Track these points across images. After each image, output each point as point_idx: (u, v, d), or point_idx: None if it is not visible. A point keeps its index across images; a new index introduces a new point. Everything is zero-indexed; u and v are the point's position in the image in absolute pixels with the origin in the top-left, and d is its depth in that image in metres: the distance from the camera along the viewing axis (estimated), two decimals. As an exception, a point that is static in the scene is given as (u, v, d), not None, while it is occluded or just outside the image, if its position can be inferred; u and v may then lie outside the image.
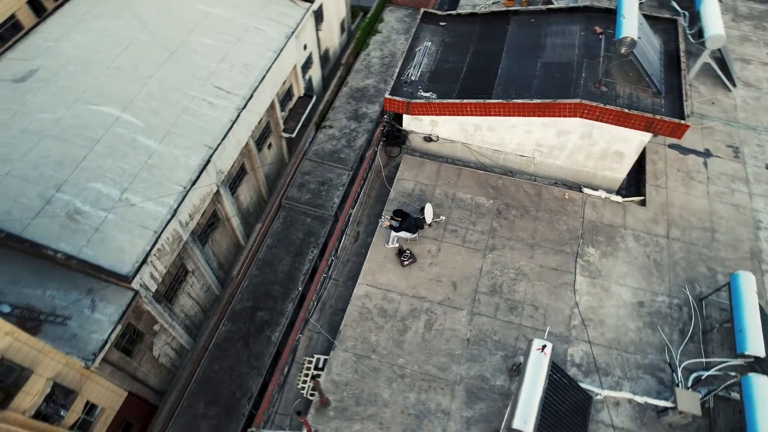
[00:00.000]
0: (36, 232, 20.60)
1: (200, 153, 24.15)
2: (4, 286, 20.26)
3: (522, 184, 15.11)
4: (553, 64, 14.31)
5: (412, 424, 11.52)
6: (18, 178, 21.57)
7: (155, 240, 21.48)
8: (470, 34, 15.69)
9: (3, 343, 16.60)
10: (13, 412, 17.19)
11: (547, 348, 10.76)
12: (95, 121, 23.50)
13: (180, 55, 26.15)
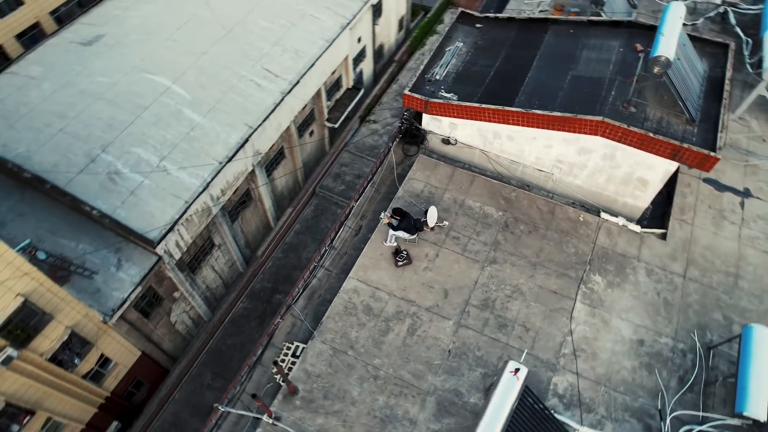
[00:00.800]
0: (77, 188, 21.39)
1: (240, 131, 24.41)
2: (43, 234, 21.14)
3: (536, 200, 14.31)
4: (584, 78, 13.44)
5: (375, 427, 11.10)
6: (70, 135, 22.43)
7: (184, 210, 21.85)
8: (504, 40, 15.00)
9: (28, 287, 17.26)
10: (32, 353, 17.90)
11: (521, 372, 10.08)
12: (147, 89, 24.17)
13: (235, 34, 26.54)
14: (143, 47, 25.46)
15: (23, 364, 18.10)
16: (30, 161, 21.57)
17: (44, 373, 19.08)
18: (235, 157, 23.85)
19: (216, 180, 23.19)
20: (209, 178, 22.92)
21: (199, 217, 23.16)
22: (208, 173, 23.07)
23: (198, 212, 22.81)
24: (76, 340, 19.99)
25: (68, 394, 20.43)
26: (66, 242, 21.29)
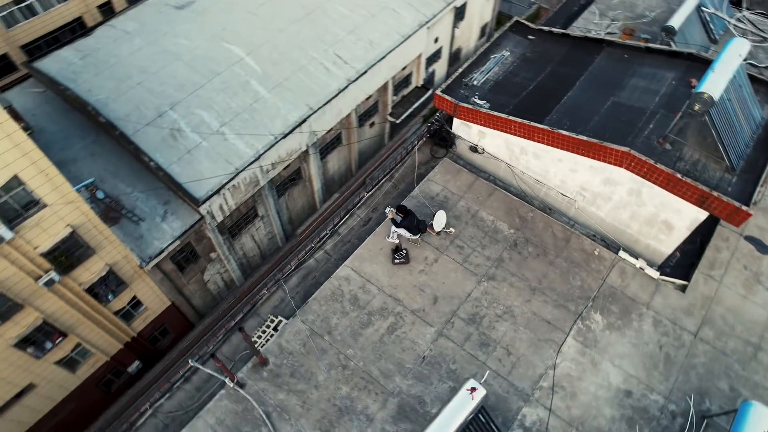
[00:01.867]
0: (142, 139, 22.68)
1: (300, 111, 24.90)
2: (106, 176, 22.63)
3: (553, 225, 13.57)
4: (624, 106, 12.55)
5: (332, 414, 11.01)
6: (145, 89, 23.80)
7: (233, 176, 22.63)
8: (554, 55, 14.28)
9: (78, 221, 18.51)
10: (72, 281, 19.25)
11: (478, 393, 9.63)
12: (222, 57, 25.14)
13: (314, 17, 27.04)
14: (227, 17, 26.48)
15: (63, 289, 19.49)
16: (106, 108, 23.09)
17: (80, 302, 20.45)
18: (291, 135, 24.36)
19: (268, 153, 23.78)
20: (262, 150, 23.56)
21: (246, 186, 23.89)
22: (262, 145, 23.72)
23: (246, 181, 23.53)
24: (112, 277, 21.27)
25: (99, 325, 21.78)
26: (123, 187, 22.67)
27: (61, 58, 24.67)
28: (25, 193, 16.94)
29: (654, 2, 19.65)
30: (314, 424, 10.82)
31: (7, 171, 16.02)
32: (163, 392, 11.18)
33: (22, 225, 17.17)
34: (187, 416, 11.08)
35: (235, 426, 10.78)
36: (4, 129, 15.64)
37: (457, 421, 9.36)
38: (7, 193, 16.53)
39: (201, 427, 10.77)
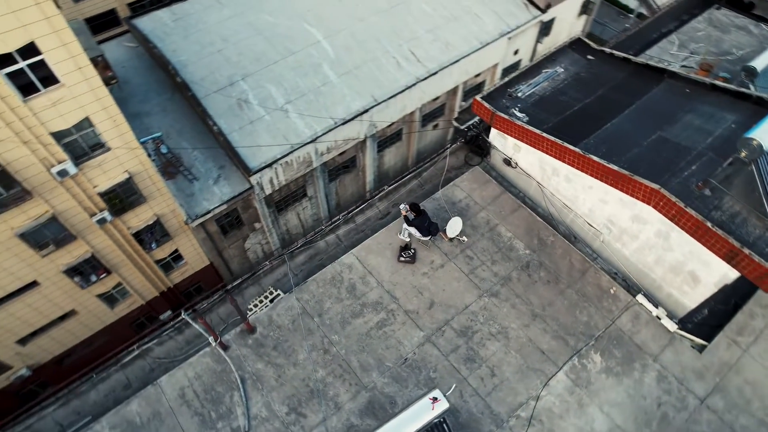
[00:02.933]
0: (210, 103, 23.74)
1: (364, 101, 25.12)
2: (172, 132, 23.92)
3: (572, 253, 12.84)
4: (671, 142, 11.64)
5: (303, 394, 11.07)
6: (223, 58, 24.86)
7: (287, 153, 23.23)
8: (609, 78, 13.48)
9: (135, 168, 19.69)
10: (122, 223, 20.55)
11: (439, 405, 9.33)
12: (300, 37, 25.76)
13: (397, 11, 27.11)
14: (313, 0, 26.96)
15: (113, 230, 20.84)
16: (185, 69, 24.33)
17: (126, 244, 21.79)
18: (351, 123, 24.62)
19: (325, 137, 24.17)
20: (320, 133, 23.99)
21: (299, 165, 24.42)
22: (320, 128, 24.15)
23: (299, 160, 24.06)
24: (158, 228, 22.48)
25: (140, 270, 23.12)
26: (185, 145, 23.83)
27: (156, 18, 26.20)
28: (93, 135, 18.19)
29: (744, 40, 18.05)
30: (284, 399, 10.91)
31: (80, 111, 17.22)
32: (152, 337, 11.69)
33: (87, 164, 18.46)
34: (172, 365, 11.51)
35: (211, 384, 11.08)
36: (84, 73, 16.81)
37: (411, 428, 9.10)
38: (78, 132, 17.80)
39: (180, 378, 11.15)
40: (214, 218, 23.91)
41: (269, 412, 10.75)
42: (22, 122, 16.25)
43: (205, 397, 10.88)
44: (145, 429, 10.58)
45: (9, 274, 19.44)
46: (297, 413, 10.75)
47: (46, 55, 15.38)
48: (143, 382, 11.32)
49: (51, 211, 18.79)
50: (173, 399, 10.86)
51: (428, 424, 9.27)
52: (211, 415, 10.72)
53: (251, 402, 10.83)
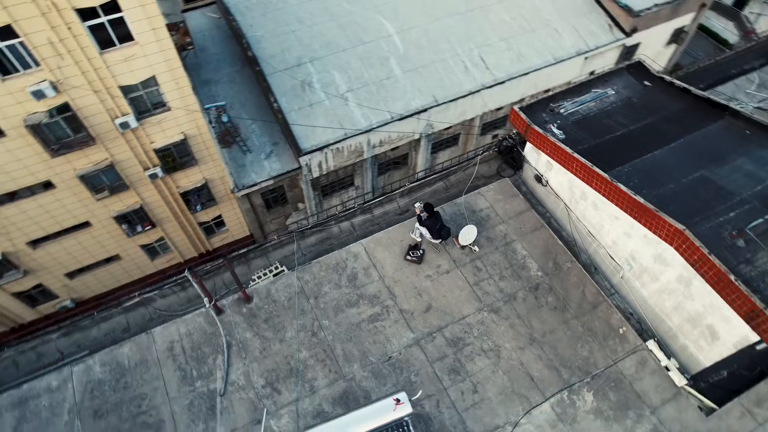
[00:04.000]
0: (275, 80, 24.40)
1: (425, 100, 24.98)
2: (235, 103, 24.78)
3: (587, 284, 12.12)
4: (713, 183, 10.70)
5: (281, 371, 11.13)
6: (295, 38, 25.46)
7: (340, 139, 23.51)
8: (663, 108, 12.58)
9: (191, 132, 20.57)
10: (172, 181, 21.55)
11: (402, 407, 9.09)
12: (373, 28, 25.93)
13: (474, 15, 26.72)
14: (392, -6, 26.82)
15: (162, 186, 21.88)
16: (258, 45, 25.10)
17: (173, 202, 22.81)
18: (407, 120, 24.53)
19: (380, 129, 24.22)
20: (375, 125, 24.08)
21: (350, 153, 24.61)
22: (376, 121, 24.23)
23: (351, 148, 24.25)
24: (205, 192, 23.39)
25: (182, 229, 24.15)
26: (246, 117, 24.61)
27: (241, -7, 26.95)
28: (157, 94, 19.14)
29: (836, 91, 16.32)
30: (263, 372, 11.02)
31: (149, 70, 18.16)
32: (154, 288, 12.14)
33: (147, 120, 19.47)
34: (170, 318, 11.91)
35: (199, 343, 11.37)
36: (157, 35, 17.70)
37: (368, 424, 8.93)
38: (144, 89, 18.80)
39: (172, 331, 11.52)
40: (259, 191, 24.57)
41: (246, 381, 10.89)
42: (96, 73, 17.33)
43: (190, 355, 11.17)
44: (130, 372, 11.01)
45: (66, 212, 20.83)
46: (273, 388, 10.82)
47: (125, 13, 16.30)
48: (140, 329, 11.78)
49: (110, 159, 19.94)
50: (162, 350, 11.23)
51: (389, 425, 9.05)
52: (192, 372, 11.00)
53: (232, 368, 11.01)
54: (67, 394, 10.78)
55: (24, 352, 11.65)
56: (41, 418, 10.57)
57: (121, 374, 10.99)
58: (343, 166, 25.34)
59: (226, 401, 10.66)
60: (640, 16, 26.24)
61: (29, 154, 18.55)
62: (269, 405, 10.63)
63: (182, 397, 10.73)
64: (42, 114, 17.59)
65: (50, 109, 17.64)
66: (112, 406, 10.66)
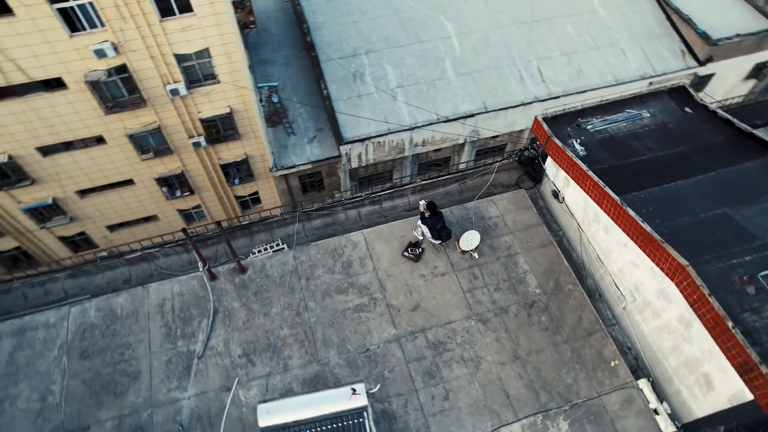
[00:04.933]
0: (328, 68, 24.73)
1: (474, 105, 24.65)
2: (288, 85, 25.31)
3: (585, 310, 11.52)
4: (734, 223, 9.89)
5: (260, 344, 11.26)
6: (355, 29, 25.72)
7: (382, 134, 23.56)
8: (700, 138, 11.76)
9: (238, 107, 21.21)
10: (213, 151, 22.30)
11: (357, 398, 8.97)
12: (434, 28, 25.77)
13: (538, 25, 26.07)
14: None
15: (204, 155, 22.65)
16: (318, 31, 25.51)
17: (213, 172, 23.58)
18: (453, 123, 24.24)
19: (423, 129, 24.08)
20: (420, 124, 23.95)
21: (391, 149, 24.60)
22: (421, 120, 24.09)
23: (392, 144, 24.24)
24: (245, 166, 24.00)
25: (219, 199, 24.90)
26: (295, 100, 25.07)
27: (310, -22, 27.38)
28: (208, 66, 19.83)
29: None
30: (241, 342, 11.19)
31: (203, 42, 18.85)
32: (156, 245, 12.57)
33: (197, 90, 20.21)
34: (168, 277, 12.32)
35: (188, 304, 11.69)
36: (215, 9, 18.33)
37: (323, 408, 8.88)
38: (197, 59, 19.53)
39: (166, 289, 11.91)
40: (297, 174, 24.97)
41: (225, 348, 11.09)
42: (155, 39, 18.15)
43: (178, 314, 11.50)
44: (121, 321, 11.47)
45: (114, 167, 21.96)
46: (248, 359, 10.97)
47: (187, -16, 16.89)
48: (139, 282, 12.25)
49: (158, 123, 20.84)
50: (153, 305, 11.63)
51: (344, 414, 8.96)
52: (177, 331, 11.33)
53: (214, 333, 11.25)
54: (62, 332, 11.35)
55: (34, 286, 12.36)
56: (35, 349, 11.18)
57: (112, 321, 11.45)
58: (382, 160, 25.33)
59: (202, 364, 10.90)
60: (717, 44, 24.70)
61: (86, 109, 19.65)
62: (242, 375, 10.78)
63: (163, 352, 11.05)
64: (101, 72, 18.57)
65: (109, 68, 18.61)
66: (99, 349, 11.13)
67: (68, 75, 18.27)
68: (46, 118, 19.54)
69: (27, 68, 17.53)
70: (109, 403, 10.49)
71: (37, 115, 19.41)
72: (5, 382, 10.72)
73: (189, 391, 10.58)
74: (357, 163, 24.79)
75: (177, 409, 10.42)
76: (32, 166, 20.99)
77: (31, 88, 18.60)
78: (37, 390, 10.62)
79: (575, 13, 26.32)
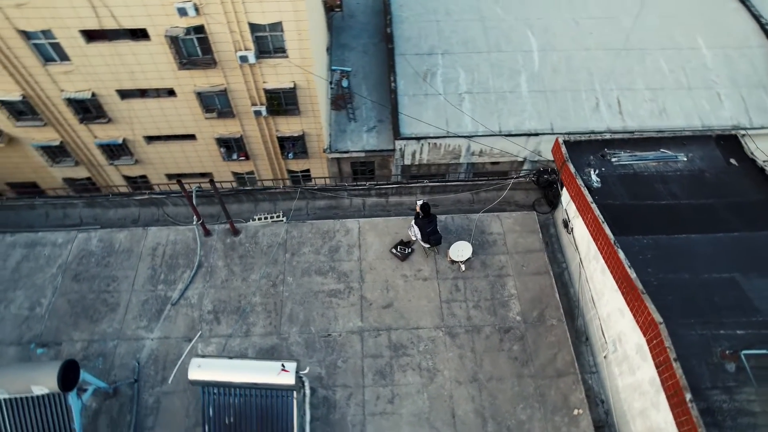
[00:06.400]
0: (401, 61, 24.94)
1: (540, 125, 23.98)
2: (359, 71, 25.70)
3: (564, 349, 10.71)
4: (740, 290, 8.77)
5: (230, 305, 11.50)
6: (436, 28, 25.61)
7: (439, 137, 23.39)
8: (738, 194, 10.52)
9: (301, 84, 21.84)
10: (273, 123, 23.12)
11: (285, 376, 8.93)
12: (517, 39, 25.16)
13: (629, 54, 24.73)
14: (549, 11, 25.90)
15: (264, 124, 23.51)
16: (399, 24, 25.69)
17: (270, 143, 24.41)
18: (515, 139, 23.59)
19: (480, 141, 23.58)
20: (477, 133, 23.49)
21: (446, 153, 24.32)
22: (482, 129, 23.61)
23: (448, 148, 23.96)
24: (300, 143, 24.64)
25: (272, 170, 25.70)
26: (363, 88, 25.41)
27: (408, -27, 27.50)
28: (279, 39, 20.56)
29: None
30: (214, 299, 11.52)
31: (278, 15, 19.58)
32: (163, 192, 13.21)
33: (265, 60, 21.02)
34: (170, 224, 12.93)
35: (177, 253, 12.20)
36: (292, -12, 18.90)
37: (250, 377, 8.95)
38: (270, 31, 20.31)
39: (163, 235, 12.50)
40: (350, 160, 25.28)
41: (198, 301, 11.47)
42: (233, 5, 19.08)
43: (166, 260, 12.04)
44: (115, 255, 12.19)
45: (179, 121, 23.35)
46: (215, 317, 11.28)
47: (269, -42, 17.58)
48: (144, 224, 12.95)
49: (225, 86, 21.89)
50: (147, 247, 12.25)
51: (273, 388, 8.97)
52: (160, 275, 11.86)
53: (192, 285, 11.66)
54: (64, 253, 12.25)
55: (56, 208, 13.43)
56: (38, 263, 12.15)
57: (108, 253, 12.20)
58: (436, 162, 25.05)
59: (173, 311, 11.34)
60: (830, 108, 22.06)
61: (163, 61, 21.02)
62: (205, 330, 11.10)
63: (143, 292, 11.62)
64: (181, 29, 19.78)
65: (188, 27, 19.77)
66: (90, 276, 11.90)
67: (152, 28, 19.58)
68: (128, 64, 21.09)
69: (118, 16, 18.99)
70: (84, 326, 11.17)
71: (121, 60, 20.99)
72: (6, 286, 11.72)
73: (154, 333, 11.04)
74: (410, 160, 24.66)
75: (139, 346, 10.91)
76: (110, 106, 22.76)
77: (120, 34, 20.15)
78: (29, 300, 11.52)
79: (674, 47, 24.55)
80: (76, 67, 21.26)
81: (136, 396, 10.41)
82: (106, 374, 10.63)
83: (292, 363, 8.98)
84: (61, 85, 21.98)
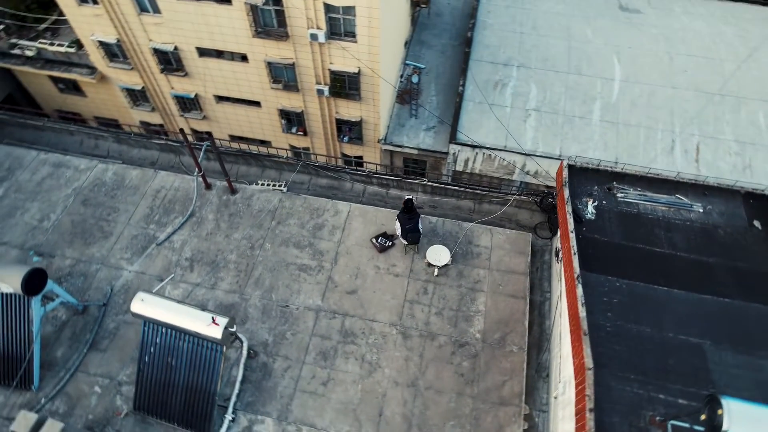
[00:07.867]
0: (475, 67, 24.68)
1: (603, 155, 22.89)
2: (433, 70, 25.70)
3: (516, 380, 10.09)
4: (701, 360, 7.88)
5: (207, 257, 11.92)
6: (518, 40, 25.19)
7: (495, 148, 22.96)
8: (747, 259, 9.37)
9: (366, 71, 22.18)
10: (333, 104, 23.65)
11: (213, 329, 9.18)
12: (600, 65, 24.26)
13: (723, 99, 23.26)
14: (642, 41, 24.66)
15: (325, 104, 24.15)
16: (481, 30, 25.41)
17: (328, 123, 25.01)
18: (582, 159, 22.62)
19: (537, 160, 22.85)
20: (535, 153, 22.81)
21: (499, 167, 23.78)
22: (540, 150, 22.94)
23: (503, 163, 23.41)
24: (357, 129, 25.01)
25: (327, 149, 26.27)
26: (432, 87, 25.41)
27: (501, -20, 27.10)
28: (351, 24, 21.02)
29: None
30: (195, 249, 12.03)
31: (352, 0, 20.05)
32: (179, 141, 13.93)
33: (334, 42, 21.59)
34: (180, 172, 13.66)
35: (176, 199, 12.86)
36: (374, -22, 19.25)
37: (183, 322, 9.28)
38: (343, 14, 20.83)
39: (168, 180, 13.21)
40: (403, 155, 25.32)
41: (180, 247, 12.04)
42: (310, -16, 19.66)
43: (164, 203, 12.74)
44: (122, 189, 13.08)
45: (248, 86, 24.50)
46: (190, 265, 11.79)
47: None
48: (159, 168, 13.77)
49: (293, 60, 22.69)
50: (152, 188, 13.03)
51: (203, 338, 9.26)
52: (155, 216, 12.58)
53: (179, 231, 12.26)
54: (82, 178, 13.32)
55: (90, 138, 14.61)
56: (58, 182, 13.31)
57: (117, 186, 13.11)
58: (488, 174, 24.47)
59: (156, 251, 11.98)
60: None
61: (241, 27, 22.14)
62: (178, 274, 11.63)
63: (135, 227, 12.39)
64: (260, 0, 20.72)
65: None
66: (96, 203, 12.86)
67: (235, -7, 20.61)
68: (210, 25, 22.42)
69: (206, -21, 20.17)
70: (77, 246, 12.09)
71: (204, 20, 22.36)
72: (27, 196, 12.93)
73: (134, 267, 11.73)
74: (462, 167, 24.26)
75: (117, 275, 11.65)
76: (188, 61, 24.31)
77: (206, -4, 21.42)
78: (41, 212, 12.65)
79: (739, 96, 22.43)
80: (165, 21, 22.90)
81: (100, 318, 11.10)
82: (82, 293, 11.42)
83: (224, 318, 9.19)
84: (150, 35, 23.76)
